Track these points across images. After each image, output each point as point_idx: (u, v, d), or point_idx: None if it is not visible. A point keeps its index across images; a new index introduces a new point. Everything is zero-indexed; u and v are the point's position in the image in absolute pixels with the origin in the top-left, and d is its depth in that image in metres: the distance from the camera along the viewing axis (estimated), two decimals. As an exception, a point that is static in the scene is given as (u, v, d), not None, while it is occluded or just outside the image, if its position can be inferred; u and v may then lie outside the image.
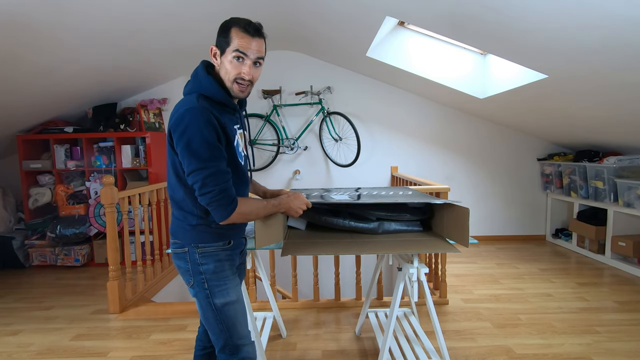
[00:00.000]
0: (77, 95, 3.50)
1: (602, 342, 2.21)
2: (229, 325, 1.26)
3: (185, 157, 1.13)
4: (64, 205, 3.70)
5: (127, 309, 2.73)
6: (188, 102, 1.16)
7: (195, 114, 1.12)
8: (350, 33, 3.26)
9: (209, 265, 1.24)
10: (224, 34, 1.18)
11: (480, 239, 4.51)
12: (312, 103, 4.42)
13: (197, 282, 1.24)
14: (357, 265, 2.74)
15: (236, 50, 1.16)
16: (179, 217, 1.26)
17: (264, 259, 2.32)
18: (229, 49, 1.17)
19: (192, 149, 1.11)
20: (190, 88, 1.22)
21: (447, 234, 1.55)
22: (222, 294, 1.24)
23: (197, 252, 1.23)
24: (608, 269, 3.47)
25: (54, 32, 2.32)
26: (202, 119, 1.12)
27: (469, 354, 2.10)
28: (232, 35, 1.16)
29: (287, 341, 2.30)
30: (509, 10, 1.94)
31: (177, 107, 1.18)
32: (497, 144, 4.54)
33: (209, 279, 1.23)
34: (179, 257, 1.26)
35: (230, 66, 1.18)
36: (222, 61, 1.19)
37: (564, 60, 2.30)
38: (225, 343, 1.27)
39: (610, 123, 3.14)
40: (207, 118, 1.13)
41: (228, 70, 1.19)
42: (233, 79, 1.19)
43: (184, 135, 1.12)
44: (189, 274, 1.25)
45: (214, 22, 3.07)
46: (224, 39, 1.18)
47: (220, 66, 1.21)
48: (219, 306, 1.24)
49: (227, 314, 1.25)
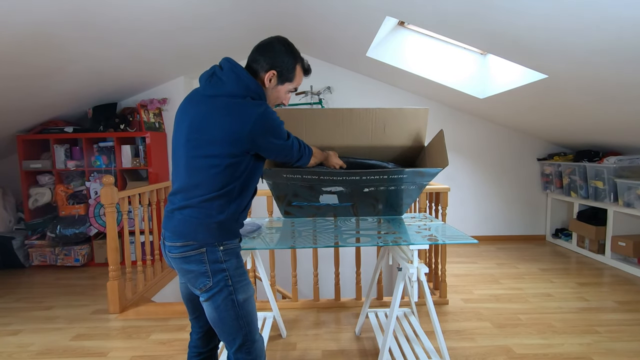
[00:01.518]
0: (77, 95, 3.50)
1: (602, 342, 2.21)
2: (248, 320, 1.26)
3: (275, 138, 1.26)
4: (64, 205, 3.70)
5: (127, 309, 2.73)
6: (256, 104, 1.23)
7: (273, 112, 1.26)
8: (350, 33, 3.26)
9: (232, 261, 1.24)
10: (290, 68, 1.30)
11: (480, 239, 4.51)
12: (312, 103, 4.42)
13: (219, 281, 1.21)
14: (357, 265, 2.74)
15: (295, 88, 1.35)
16: (197, 216, 1.21)
17: (264, 259, 2.32)
18: (290, 84, 1.33)
19: (279, 131, 1.27)
20: (237, 92, 1.23)
21: (429, 163, 1.76)
22: (244, 289, 1.25)
23: (219, 250, 1.22)
24: (608, 269, 3.47)
25: (54, 32, 2.32)
26: (275, 115, 1.27)
27: (469, 354, 2.11)
28: (297, 72, 1.32)
29: (287, 341, 2.30)
30: (509, 10, 1.94)
31: (243, 109, 1.21)
32: (497, 144, 4.54)
33: (233, 275, 1.23)
34: (191, 259, 1.21)
35: (283, 95, 1.35)
36: (277, 87, 1.32)
37: (564, 60, 2.30)
38: (244, 340, 1.25)
39: (610, 123, 3.13)
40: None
41: (279, 97, 1.35)
42: (279, 103, 1.37)
43: (272, 125, 1.24)
44: (205, 275, 1.20)
45: (214, 22, 3.08)
46: (287, 73, 1.30)
47: (271, 89, 1.31)
48: (241, 302, 1.24)
49: (247, 309, 1.25)
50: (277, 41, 1.29)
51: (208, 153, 1.19)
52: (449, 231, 1.88)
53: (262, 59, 1.27)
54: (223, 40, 3.47)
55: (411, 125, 1.79)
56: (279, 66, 1.27)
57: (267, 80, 1.28)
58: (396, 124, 1.78)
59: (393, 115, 1.77)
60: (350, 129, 1.79)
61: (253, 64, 1.28)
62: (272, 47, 1.28)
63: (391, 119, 1.76)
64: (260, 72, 1.28)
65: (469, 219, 4.59)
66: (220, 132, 1.18)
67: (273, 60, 1.26)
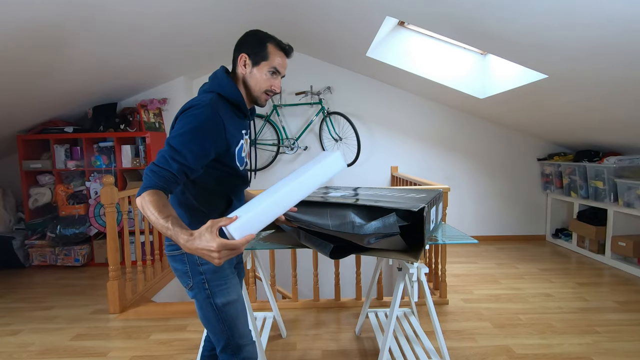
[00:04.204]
0: (77, 95, 3.50)
1: (602, 342, 2.20)
2: (231, 325, 1.25)
3: (173, 129, 1.14)
4: (64, 205, 3.70)
5: (127, 309, 2.73)
6: (202, 98, 1.17)
7: (204, 108, 1.13)
8: (350, 33, 3.26)
9: (209, 265, 1.23)
10: (259, 47, 1.22)
11: (480, 239, 4.51)
12: (312, 103, 4.42)
13: (197, 283, 1.23)
14: (357, 265, 2.74)
15: (273, 67, 1.23)
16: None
17: (264, 259, 2.32)
18: (266, 63, 1.23)
19: (182, 121, 1.12)
20: (208, 87, 1.24)
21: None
22: (222, 294, 1.24)
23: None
24: (608, 269, 3.47)
25: (54, 33, 2.32)
26: (207, 113, 1.12)
27: (469, 354, 2.11)
28: (269, 50, 1.23)
29: (287, 341, 2.30)
30: (508, 10, 1.94)
31: (189, 101, 1.19)
32: (497, 144, 4.54)
33: (210, 279, 1.23)
34: (176, 259, 1.25)
35: (263, 78, 1.24)
36: (253, 71, 1.24)
37: (564, 60, 2.30)
38: (227, 343, 1.26)
39: (611, 123, 3.13)
40: (213, 117, 1.13)
41: (259, 82, 1.24)
42: (264, 90, 1.26)
43: (184, 113, 1.14)
44: (187, 275, 1.24)
45: (214, 22, 3.08)
46: (259, 52, 1.22)
47: (249, 75, 1.25)
48: (220, 306, 1.23)
49: (228, 314, 1.24)
50: (249, 31, 1.28)
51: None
52: (449, 231, 1.87)
53: (235, 52, 1.26)
54: (223, 40, 3.47)
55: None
56: (247, 47, 1.24)
57: (242, 67, 1.24)
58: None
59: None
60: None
61: (232, 64, 1.28)
62: (243, 37, 1.27)
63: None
64: (235, 61, 1.26)
65: (469, 219, 4.59)
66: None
67: (242, 44, 1.25)
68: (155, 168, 1.03)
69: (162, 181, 1.02)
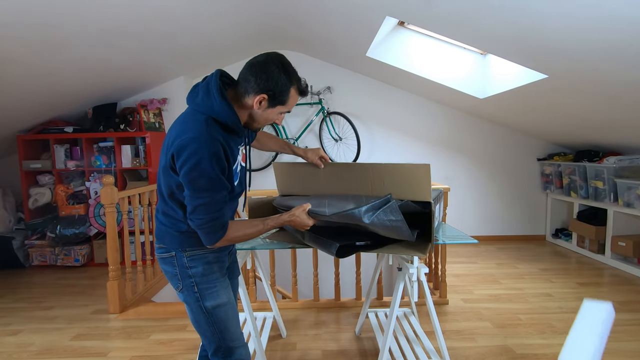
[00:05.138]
0: (77, 95, 3.50)
1: (602, 342, 2.20)
2: (221, 327, 1.25)
3: (185, 183, 1.12)
4: (64, 205, 3.70)
5: (127, 309, 2.73)
6: (195, 127, 1.10)
7: (202, 144, 1.07)
8: (350, 33, 3.26)
9: (198, 268, 1.23)
10: (281, 93, 1.16)
11: (480, 239, 4.50)
12: (312, 103, 4.42)
13: (186, 286, 1.23)
14: (357, 265, 2.74)
15: (288, 110, 1.23)
16: (165, 223, 1.24)
17: (263, 259, 2.32)
18: (282, 107, 1.20)
19: (191, 177, 1.09)
20: (200, 106, 1.14)
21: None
22: (212, 297, 1.24)
23: (185, 256, 1.22)
24: (608, 269, 3.47)
25: (54, 33, 2.32)
26: (208, 151, 1.08)
27: (469, 354, 2.10)
28: (290, 95, 1.19)
29: (287, 341, 2.30)
30: (508, 10, 1.94)
31: (183, 127, 1.12)
32: (497, 144, 4.54)
33: (199, 282, 1.23)
34: (166, 261, 1.25)
35: (273, 117, 1.23)
36: (268, 110, 1.20)
37: (564, 60, 2.30)
38: (218, 346, 1.27)
39: (610, 123, 3.13)
40: (214, 150, 1.09)
41: (268, 119, 1.23)
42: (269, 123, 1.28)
43: (186, 163, 1.08)
44: (176, 278, 1.24)
45: (213, 23, 3.07)
46: (280, 97, 1.17)
47: (260, 113, 1.20)
48: (209, 309, 1.23)
49: (218, 317, 1.24)
50: (272, 61, 1.14)
51: (161, 163, 1.20)
52: (449, 231, 1.87)
53: (253, 79, 1.14)
54: (223, 40, 3.47)
55: (412, 182, 1.53)
56: (272, 89, 1.14)
57: (257, 104, 1.16)
58: (394, 179, 1.53)
59: (390, 172, 1.52)
60: (349, 185, 1.59)
61: (244, 83, 1.16)
62: (266, 68, 1.13)
63: (389, 175, 1.53)
64: (250, 93, 1.15)
65: (469, 219, 4.59)
66: (166, 140, 1.17)
67: (265, 82, 1.13)
68: (206, 225, 1.14)
69: (216, 225, 1.15)
